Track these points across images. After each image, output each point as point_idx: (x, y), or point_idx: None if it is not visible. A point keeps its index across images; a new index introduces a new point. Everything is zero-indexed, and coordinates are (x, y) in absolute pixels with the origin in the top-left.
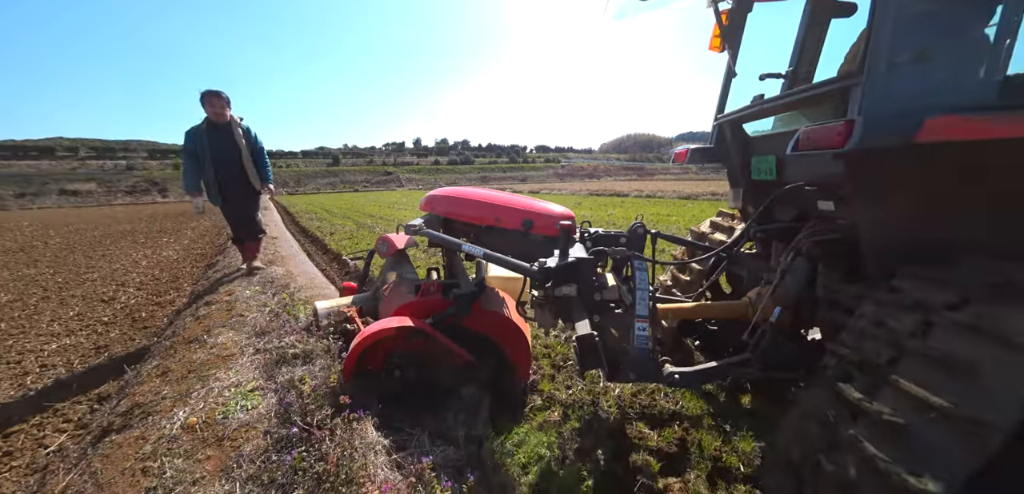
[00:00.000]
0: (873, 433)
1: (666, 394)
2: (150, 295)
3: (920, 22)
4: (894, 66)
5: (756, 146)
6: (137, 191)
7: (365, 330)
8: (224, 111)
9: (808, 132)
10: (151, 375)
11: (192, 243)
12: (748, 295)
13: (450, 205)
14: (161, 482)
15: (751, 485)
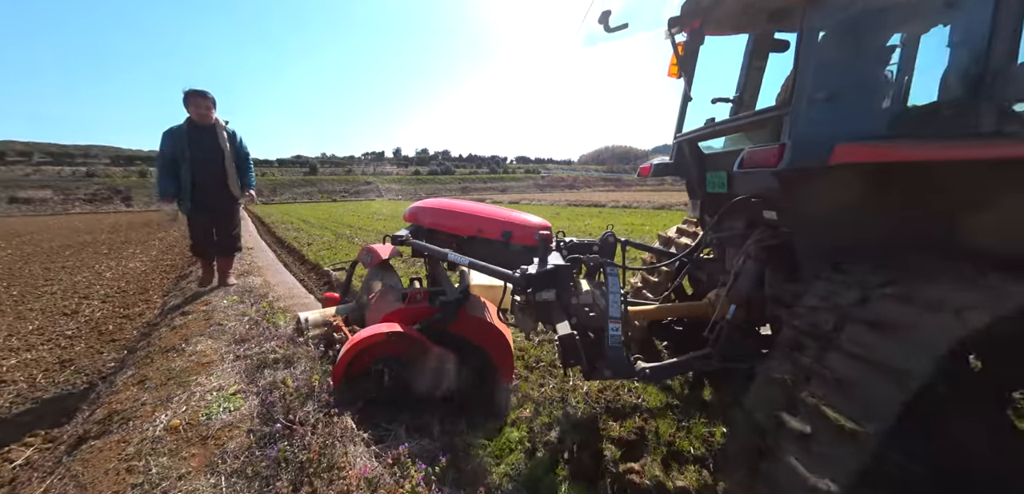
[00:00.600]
0: (824, 390)
1: (629, 389)
2: (117, 308)
3: (831, 67)
4: (813, 101)
5: (710, 162)
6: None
7: (355, 336)
8: (209, 112)
9: (750, 153)
10: (128, 384)
11: (161, 255)
12: (708, 296)
13: (434, 217)
14: (147, 478)
15: (700, 466)
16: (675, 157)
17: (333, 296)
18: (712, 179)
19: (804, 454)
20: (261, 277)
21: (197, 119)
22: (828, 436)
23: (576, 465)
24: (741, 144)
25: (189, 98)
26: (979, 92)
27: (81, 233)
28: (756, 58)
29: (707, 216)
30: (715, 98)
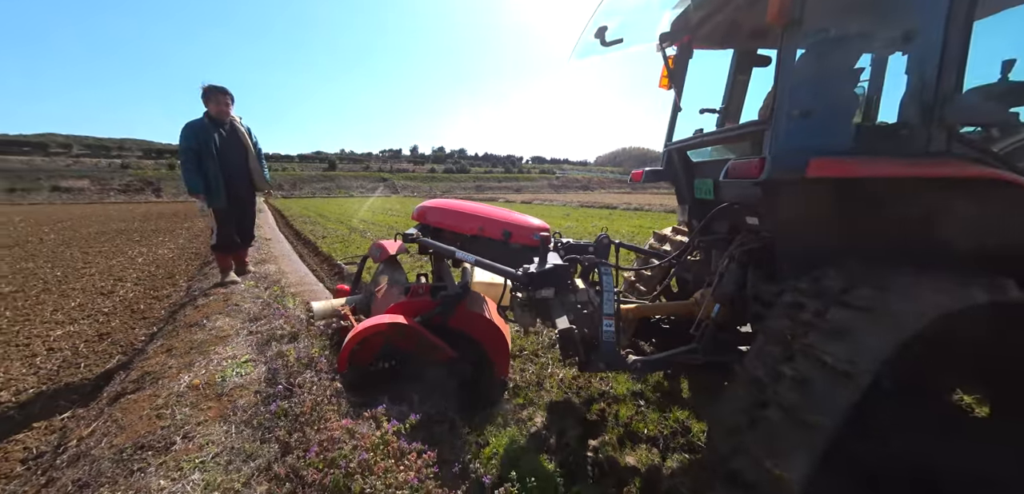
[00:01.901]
0: (821, 339)
1: (601, 378)
2: (147, 289)
3: (807, 86)
4: (792, 118)
5: (698, 170)
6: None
7: (359, 325)
8: (230, 109)
9: (734, 164)
10: (157, 352)
11: (187, 243)
12: (694, 295)
13: (440, 216)
14: (173, 422)
15: (651, 445)
16: (665, 164)
17: (344, 288)
18: (699, 186)
19: (803, 394)
20: (276, 265)
21: (216, 115)
22: (823, 377)
23: (539, 439)
24: (726, 154)
25: (210, 94)
26: (931, 116)
27: (115, 221)
28: (740, 72)
29: (694, 220)
30: (703, 109)
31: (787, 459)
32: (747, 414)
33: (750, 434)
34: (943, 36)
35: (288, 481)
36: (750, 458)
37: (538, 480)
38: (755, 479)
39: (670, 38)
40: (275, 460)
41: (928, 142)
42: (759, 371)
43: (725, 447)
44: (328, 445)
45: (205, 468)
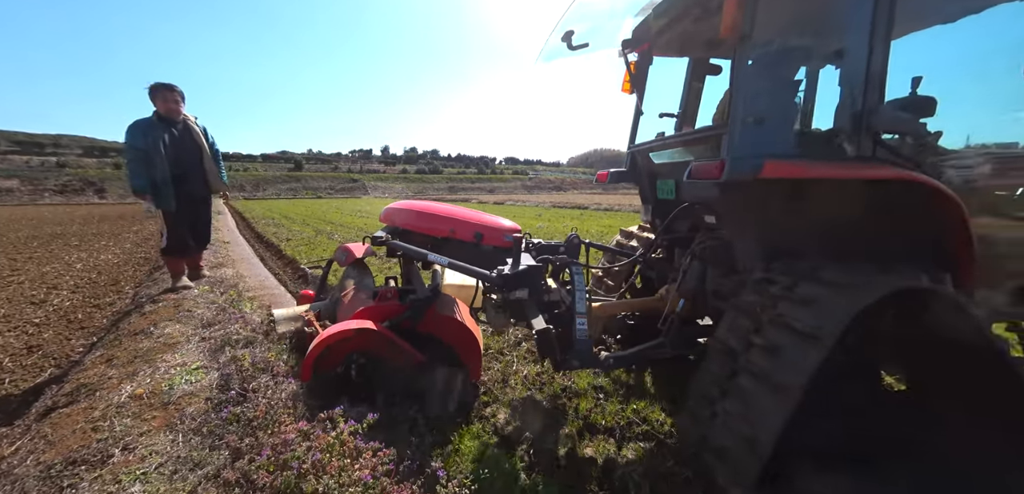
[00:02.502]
0: (790, 308)
1: (564, 374)
2: (87, 298)
3: (758, 96)
4: (746, 124)
5: (660, 171)
6: (69, 190)
7: (324, 332)
8: (179, 107)
9: (697, 165)
10: (96, 362)
11: (135, 247)
12: (660, 292)
13: (409, 218)
14: (112, 435)
15: (607, 436)
16: (628, 165)
17: (309, 294)
18: (661, 186)
19: (772, 359)
20: (234, 269)
21: (165, 114)
22: (793, 341)
23: (500, 434)
24: (686, 156)
25: (156, 91)
26: (859, 124)
27: (50, 224)
28: (695, 79)
29: (657, 219)
30: (662, 113)
31: (758, 420)
32: (719, 385)
33: (723, 403)
34: (867, 54)
35: (238, 486)
36: (724, 423)
37: (496, 474)
38: (729, 442)
39: (632, 45)
40: (225, 466)
41: (858, 147)
42: (731, 342)
43: (701, 416)
44: (281, 448)
45: (147, 479)
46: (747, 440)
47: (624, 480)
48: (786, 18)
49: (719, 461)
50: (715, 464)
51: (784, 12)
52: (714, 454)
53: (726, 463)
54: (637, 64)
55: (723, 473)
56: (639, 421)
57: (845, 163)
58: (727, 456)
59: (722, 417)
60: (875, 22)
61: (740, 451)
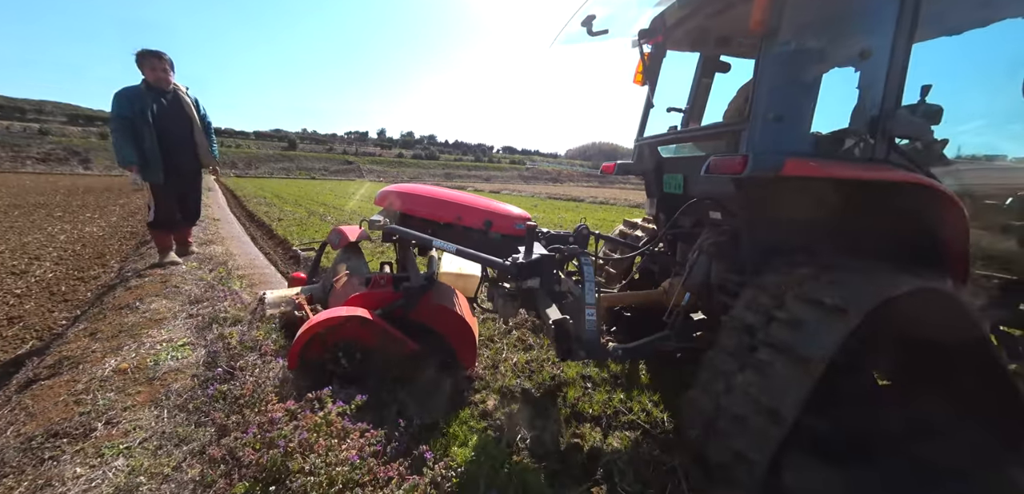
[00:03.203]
0: (817, 287)
1: (553, 363)
2: (70, 270)
3: (780, 94)
4: (767, 121)
5: (668, 165)
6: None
7: (314, 318)
8: (168, 76)
9: (716, 161)
10: (79, 336)
11: (121, 221)
12: (663, 285)
13: (410, 202)
14: (95, 408)
15: (594, 424)
16: (636, 158)
17: (301, 276)
18: (669, 180)
19: (796, 333)
20: (223, 247)
21: (153, 82)
22: (818, 316)
23: (488, 420)
24: (696, 152)
25: (143, 58)
26: (875, 127)
27: (33, 194)
28: (705, 76)
29: (662, 213)
30: (670, 107)
31: (780, 391)
32: (737, 359)
33: (740, 376)
34: (889, 58)
35: (223, 463)
36: (743, 394)
37: (484, 458)
38: (747, 411)
39: (647, 35)
40: (210, 443)
41: (873, 150)
42: (750, 318)
43: (715, 389)
44: (268, 426)
45: (130, 454)
46: (769, 411)
47: (609, 467)
48: (811, 17)
49: (737, 429)
50: (731, 431)
51: (810, 11)
52: (731, 421)
53: (744, 433)
54: (651, 56)
55: (741, 442)
56: (625, 410)
57: (861, 165)
58: (746, 425)
59: (740, 389)
60: (899, 27)
61: (760, 422)
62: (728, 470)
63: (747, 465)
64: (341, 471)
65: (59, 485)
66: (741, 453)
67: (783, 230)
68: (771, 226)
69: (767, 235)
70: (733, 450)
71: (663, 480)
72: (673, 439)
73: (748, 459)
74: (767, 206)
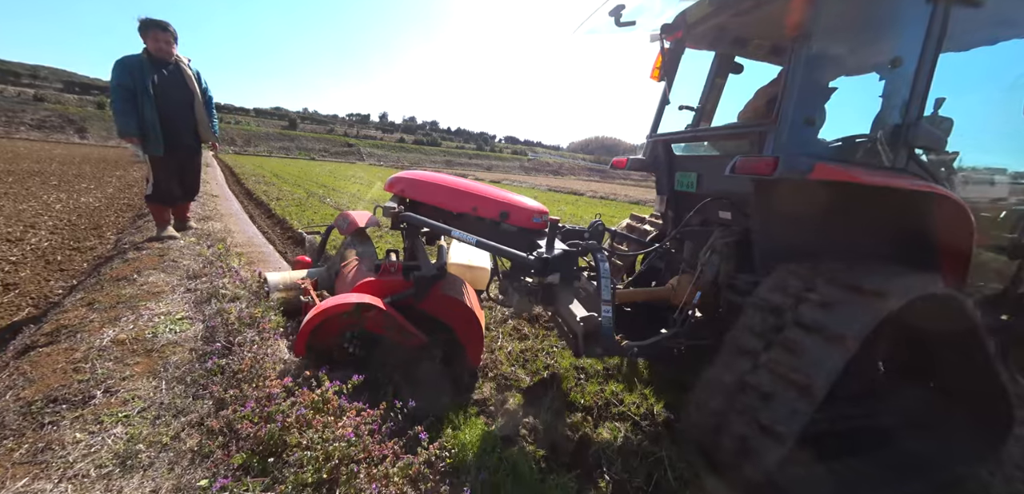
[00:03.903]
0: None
1: (547, 353)
2: (66, 240)
3: (807, 94)
4: (796, 124)
5: (681, 164)
6: (48, 127)
7: (322, 303)
8: (171, 48)
9: (743, 161)
10: (77, 305)
11: (118, 192)
12: (670, 282)
13: (422, 190)
14: (93, 376)
15: (585, 413)
16: (648, 155)
17: (305, 260)
18: (681, 178)
19: (827, 313)
20: (222, 224)
21: (155, 53)
22: (848, 298)
23: (482, 406)
24: (711, 151)
25: (147, 29)
26: (898, 136)
27: (27, 161)
28: (718, 76)
29: (671, 211)
30: (682, 105)
31: (811, 368)
32: (762, 338)
33: (768, 354)
34: (916, 68)
35: (221, 435)
36: (772, 371)
37: (477, 442)
38: (771, 389)
39: (669, 30)
40: (209, 415)
41: (894, 159)
42: (777, 299)
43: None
44: (265, 401)
45: (129, 422)
46: (800, 386)
47: (598, 456)
48: (842, 23)
49: (763, 404)
50: (758, 406)
51: (843, 17)
52: (758, 397)
53: (771, 408)
54: (670, 52)
55: (768, 416)
56: (616, 402)
57: (885, 172)
58: (774, 401)
59: (768, 365)
60: (927, 38)
61: (790, 396)
62: (749, 447)
63: (775, 438)
64: (337, 447)
65: (59, 449)
66: (769, 427)
67: (796, 232)
68: (785, 228)
69: (780, 237)
70: (759, 425)
71: (650, 469)
72: (661, 431)
73: (776, 432)
74: (784, 208)
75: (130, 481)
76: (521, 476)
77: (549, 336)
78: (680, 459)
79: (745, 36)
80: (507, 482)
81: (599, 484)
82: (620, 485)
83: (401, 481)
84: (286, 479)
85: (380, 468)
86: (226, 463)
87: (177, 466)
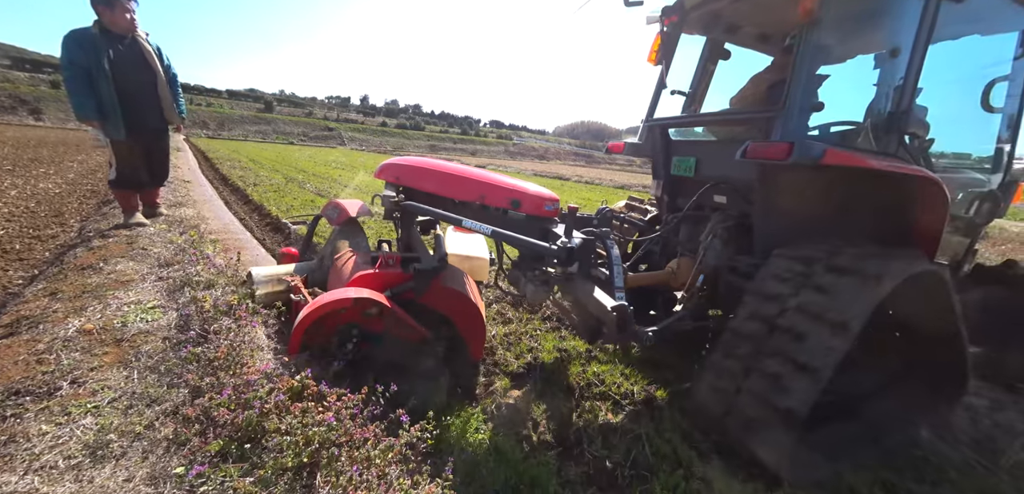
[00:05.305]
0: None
1: (531, 336)
2: (24, 228)
3: (812, 80)
4: (803, 110)
5: (677, 148)
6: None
7: (317, 300)
8: (132, 21)
9: (755, 146)
10: (38, 295)
11: (80, 178)
12: (669, 266)
13: (420, 177)
14: (59, 368)
15: (569, 394)
16: (644, 139)
17: (291, 252)
18: (678, 163)
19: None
20: (195, 210)
21: (111, 25)
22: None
23: (466, 388)
24: (708, 136)
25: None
26: (892, 123)
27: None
28: (710, 62)
29: (667, 195)
30: (674, 90)
31: (847, 307)
32: (792, 284)
33: (798, 297)
34: (910, 56)
35: (197, 422)
36: (801, 314)
37: (458, 423)
38: (805, 329)
39: (668, 13)
40: (184, 403)
41: (887, 144)
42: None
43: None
44: (243, 388)
45: (99, 413)
46: (835, 323)
47: (578, 435)
48: (842, 12)
49: (795, 344)
50: (791, 347)
51: (847, 5)
52: (790, 337)
53: (805, 347)
54: (667, 36)
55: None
56: (597, 382)
57: (886, 157)
58: (807, 340)
59: (801, 306)
60: (921, 27)
61: (825, 333)
62: (782, 386)
63: (809, 375)
64: (318, 432)
65: (24, 441)
66: (805, 364)
67: (797, 215)
68: (787, 211)
69: (782, 220)
70: (796, 362)
71: (629, 446)
72: (641, 409)
73: (810, 368)
74: (788, 192)
75: (102, 471)
76: (503, 455)
77: (533, 320)
78: (658, 436)
79: (737, 23)
80: (489, 460)
81: (580, 462)
82: (600, 462)
83: (383, 463)
84: (265, 464)
85: (362, 451)
86: (203, 450)
87: (151, 455)
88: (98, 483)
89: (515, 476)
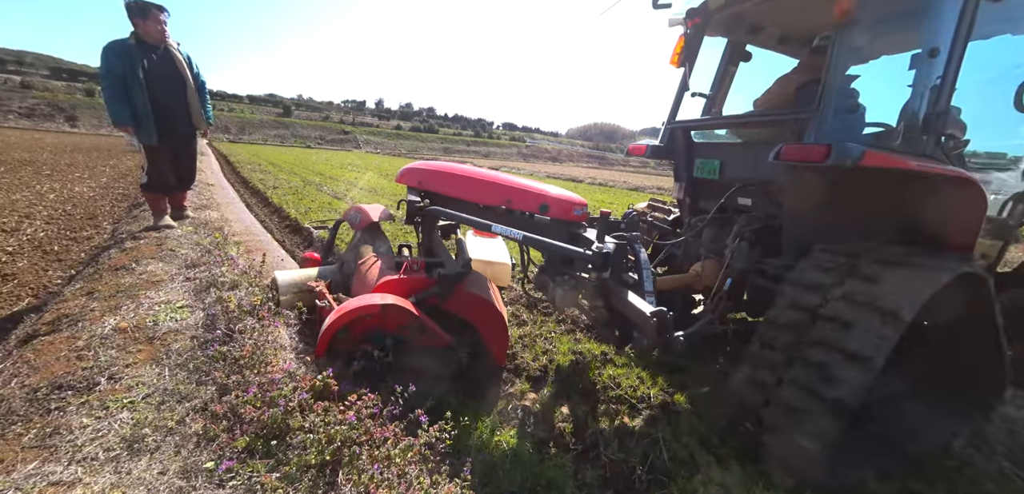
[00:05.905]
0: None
1: (545, 337)
2: (63, 229)
3: (846, 82)
4: (838, 112)
5: (700, 151)
6: (37, 115)
7: (346, 305)
8: (165, 32)
9: (790, 148)
10: (77, 295)
11: (112, 181)
12: (694, 268)
13: (443, 182)
14: (97, 364)
15: (582, 398)
16: (666, 141)
17: (313, 256)
18: (702, 165)
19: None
20: (219, 213)
21: (145, 36)
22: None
23: (480, 392)
24: (733, 138)
25: (141, 10)
26: (929, 124)
27: (18, 150)
28: (731, 64)
29: (689, 198)
30: (693, 92)
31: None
32: (835, 275)
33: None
34: (948, 57)
35: (225, 419)
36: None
37: (475, 425)
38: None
39: (692, 15)
40: (212, 400)
41: (922, 146)
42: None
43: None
44: (268, 386)
45: (134, 407)
46: (886, 312)
47: (595, 437)
48: (877, 13)
49: (843, 334)
50: (837, 337)
51: (883, 5)
52: (836, 327)
53: (854, 336)
54: (690, 38)
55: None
56: (614, 386)
57: (925, 159)
58: (855, 328)
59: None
60: (959, 26)
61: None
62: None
63: (860, 364)
64: (339, 430)
65: (67, 433)
66: (855, 353)
67: (828, 217)
68: (818, 213)
69: (812, 222)
70: (845, 351)
71: (646, 450)
72: (658, 413)
73: (861, 357)
74: (820, 193)
75: (138, 463)
76: (520, 456)
77: (547, 322)
78: (676, 440)
79: (760, 24)
80: (506, 462)
81: (596, 465)
82: (616, 465)
83: (403, 462)
84: (290, 460)
85: (381, 450)
86: (231, 446)
87: (183, 449)
88: (135, 475)
89: (532, 478)
